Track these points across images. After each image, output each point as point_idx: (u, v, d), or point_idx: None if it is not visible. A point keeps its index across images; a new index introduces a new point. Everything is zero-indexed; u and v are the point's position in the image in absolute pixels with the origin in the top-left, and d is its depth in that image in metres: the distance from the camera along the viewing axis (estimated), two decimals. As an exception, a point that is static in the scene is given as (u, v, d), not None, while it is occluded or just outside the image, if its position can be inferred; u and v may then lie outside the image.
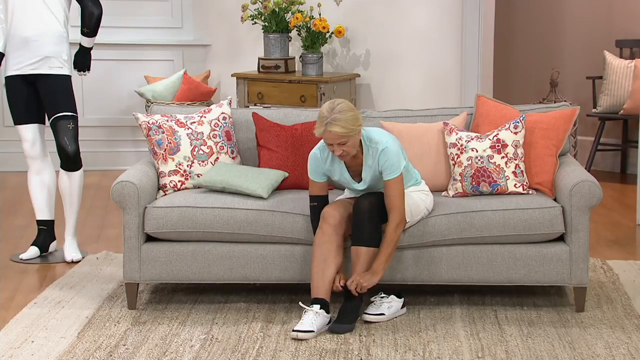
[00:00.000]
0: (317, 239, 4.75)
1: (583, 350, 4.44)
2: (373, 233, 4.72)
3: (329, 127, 4.58)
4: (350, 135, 4.61)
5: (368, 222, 4.71)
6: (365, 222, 4.71)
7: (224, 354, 4.43)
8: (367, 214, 4.71)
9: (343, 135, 4.59)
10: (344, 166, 4.82)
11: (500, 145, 5.07)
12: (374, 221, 4.72)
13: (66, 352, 4.46)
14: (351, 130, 4.60)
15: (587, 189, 4.86)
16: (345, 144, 4.63)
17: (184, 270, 4.96)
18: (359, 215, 4.72)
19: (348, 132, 4.59)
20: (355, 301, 4.72)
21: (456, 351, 4.45)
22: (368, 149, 4.75)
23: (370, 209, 4.72)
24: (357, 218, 4.73)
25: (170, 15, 8.64)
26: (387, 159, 4.71)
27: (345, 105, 4.63)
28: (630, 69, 7.95)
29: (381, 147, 4.71)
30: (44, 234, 5.98)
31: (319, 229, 4.76)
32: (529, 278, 4.90)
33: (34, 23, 5.73)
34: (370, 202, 4.74)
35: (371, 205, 4.73)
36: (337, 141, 4.61)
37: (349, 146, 4.65)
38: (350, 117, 4.60)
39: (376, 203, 4.75)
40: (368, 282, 4.68)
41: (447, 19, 7.63)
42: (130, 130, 8.56)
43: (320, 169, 4.83)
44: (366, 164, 4.78)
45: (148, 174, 5.13)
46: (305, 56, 7.68)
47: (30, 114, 5.86)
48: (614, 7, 8.50)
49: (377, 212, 4.73)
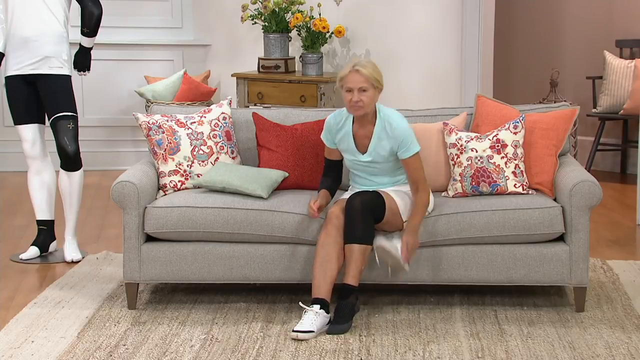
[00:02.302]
0: (321, 239, 4.75)
1: (583, 350, 4.44)
2: (366, 231, 4.72)
3: (356, 68, 4.75)
4: (372, 85, 4.76)
5: (361, 220, 4.71)
6: (358, 220, 4.71)
7: (224, 354, 4.43)
8: (360, 212, 4.72)
9: (367, 78, 4.74)
10: (351, 136, 4.87)
11: (499, 146, 5.07)
12: (367, 219, 4.73)
13: (66, 352, 4.46)
14: (375, 80, 4.77)
15: (587, 189, 4.86)
16: (365, 92, 4.74)
17: (184, 270, 4.96)
18: (351, 213, 4.73)
19: (371, 80, 4.75)
20: (349, 299, 4.71)
21: (456, 351, 4.45)
22: (382, 122, 4.83)
23: (363, 208, 4.73)
24: (350, 216, 4.74)
25: (170, 15, 8.65)
26: (405, 137, 4.81)
27: (372, 61, 4.86)
28: (630, 69, 7.95)
29: (396, 124, 4.82)
30: (44, 234, 5.99)
31: (323, 229, 4.76)
32: (529, 278, 4.90)
33: (34, 23, 5.73)
34: (363, 201, 4.75)
35: (363, 204, 4.73)
36: (359, 85, 4.74)
37: (368, 96, 4.76)
38: (376, 70, 4.81)
39: (369, 201, 4.76)
40: (414, 241, 4.75)
41: (447, 19, 7.63)
42: (130, 130, 8.57)
43: (331, 135, 4.94)
44: (376, 136, 4.84)
45: (148, 174, 5.13)
46: (305, 56, 7.68)
47: (30, 114, 5.86)
48: (614, 7, 8.50)
49: (369, 210, 4.74)
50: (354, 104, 4.77)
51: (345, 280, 4.71)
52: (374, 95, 4.79)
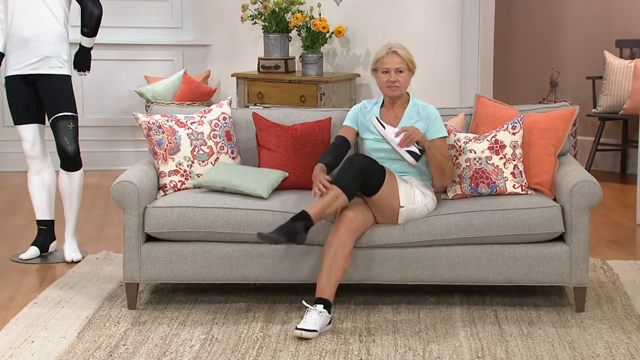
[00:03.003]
0: (330, 240, 4.74)
1: (583, 350, 4.44)
2: (351, 183, 4.72)
3: (393, 49, 4.95)
4: (408, 67, 4.95)
5: (354, 175, 4.73)
6: (352, 174, 4.72)
7: (224, 354, 4.43)
8: (356, 169, 4.74)
9: (404, 59, 4.92)
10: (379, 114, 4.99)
11: (498, 146, 5.07)
12: (358, 177, 4.74)
13: (66, 352, 4.46)
14: (411, 62, 4.97)
15: (587, 189, 4.86)
16: (402, 73, 4.92)
17: (184, 270, 4.96)
18: (348, 165, 4.75)
19: (407, 61, 4.94)
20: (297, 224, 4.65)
21: (456, 351, 4.45)
22: (415, 104, 5.01)
23: (361, 168, 4.75)
24: (346, 165, 4.76)
25: (170, 15, 8.64)
26: (437, 117, 5.00)
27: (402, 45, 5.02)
28: (630, 69, 7.95)
29: (428, 106, 5.02)
30: (44, 234, 5.99)
31: (334, 230, 4.75)
32: (529, 278, 4.91)
33: (34, 23, 5.73)
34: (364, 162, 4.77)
35: (362, 166, 4.76)
36: (397, 66, 4.93)
37: (404, 77, 4.94)
38: (410, 54, 4.99)
39: (370, 167, 4.78)
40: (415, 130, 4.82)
41: (447, 19, 7.63)
42: (130, 130, 8.56)
43: (357, 116, 5.06)
44: (407, 116, 4.99)
45: (148, 174, 5.14)
46: (305, 56, 7.68)
47: (30, 114, 5.86)
48: (614, 7, 8.50)
49: (364, 174, 4.76)
50: (390, 84, 4.93)
51: (307, 208, 4.69)
52: (409, 76, 4.97)
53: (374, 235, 4.88)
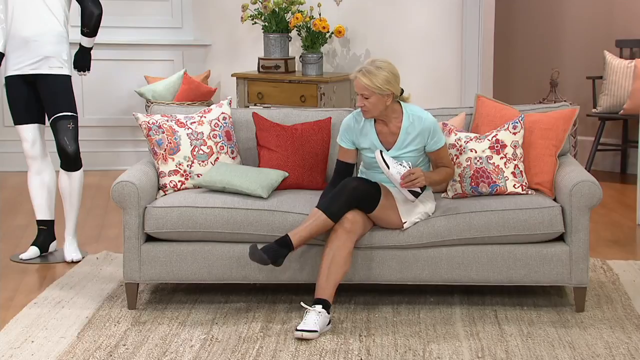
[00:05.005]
0: (330, 241, 4.74)
1: (583, 350, 4.44)
2: (340, 210, 4.72)
3: (359, 75, 4.74)
4: (374, 92, 4.72)
5: (344, 201, 4.72)
6: (343, 199, 4.72)
7: (224, 354, 4.43)
8: (349, 194, 4.73)
9: (367, 87, 4.71)
10: (374, 133, 4.88)
11: (499, 146, 5.07)
12: (349, 203, 4.73)
13: (66, 352, 4.46)
14: (377, 87, 4.71)
15: (587, 189, 4.86)
16: (367, 99, 4.74)
17: (184, 270, 4.96)
18: (342, 188, 4.74)
19: (372, 88, 4.71)
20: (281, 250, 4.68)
21: (456, 351, 4.45)
22: (410, 118, 4.85)
23: (354, 193, 4.74)
24: (339, 189, 4.75)
25: (170, 15, 8.65)
26: (435, 128, 4.86)
27: (385, 65, 4.76)
28: (630, 69, 7.95)
29: (425, 116, 4.87)
30: (44, 234, 5.99)
31: (334, 232, 4.75)
32: (529, 278, 4.91)
33: (34, 23, 5.73)
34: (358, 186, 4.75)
35: (356, 191, 4.74)
36: (361, 92, 4.75)
37: (370, 102, 4.76)
38: (383, 77, 4.72)
39: (363, 190, 4.76)
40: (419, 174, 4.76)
41: (447, 19, 7.63)
42: (130, 130, 8.57)
43: (350, 135, 4.93)
44: (404, 130, 4.85)
45: (148, 174, 5.14)
46: (305, 56, 7.68)
47: (30, 114, 5.86)
48: (614, 7, 8.50)
49: (357, 199, 4.74)
50: (359, 105, 4.81)
51: (290, 233, 4.70)
52: (379, 100, 4.75)
53: (374, 237, 4.88)
